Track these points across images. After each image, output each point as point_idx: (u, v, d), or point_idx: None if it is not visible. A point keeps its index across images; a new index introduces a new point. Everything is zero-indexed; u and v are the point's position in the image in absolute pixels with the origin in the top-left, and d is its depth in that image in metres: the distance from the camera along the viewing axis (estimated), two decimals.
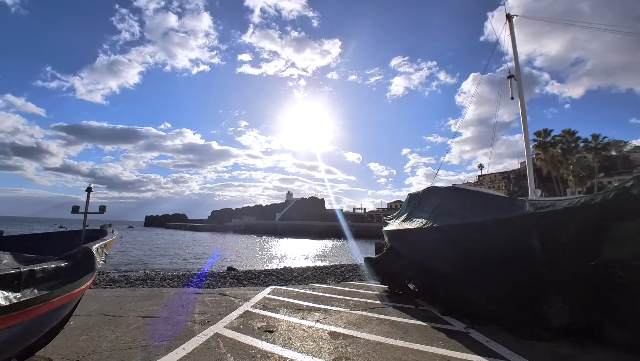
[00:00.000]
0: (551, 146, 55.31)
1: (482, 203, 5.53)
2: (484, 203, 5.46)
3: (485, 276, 5.16)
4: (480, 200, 5.64)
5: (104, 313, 5.40)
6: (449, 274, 5.87)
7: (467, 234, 5.45)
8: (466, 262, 5.51)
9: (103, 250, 3.05)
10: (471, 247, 5.32)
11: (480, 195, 5.85)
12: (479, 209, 5.47)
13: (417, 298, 7.50)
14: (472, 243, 5.30)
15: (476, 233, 5.22)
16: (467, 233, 5.47)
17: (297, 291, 8.28)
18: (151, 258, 26.02)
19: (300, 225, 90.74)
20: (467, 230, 5.45)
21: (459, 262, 5.67)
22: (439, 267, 6.14)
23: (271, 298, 7.21)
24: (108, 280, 10.19)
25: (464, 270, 5.58)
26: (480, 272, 5.24)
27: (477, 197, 5.82)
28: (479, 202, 5.59)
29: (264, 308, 6.12)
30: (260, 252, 35.94)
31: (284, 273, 12.88)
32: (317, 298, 7.39)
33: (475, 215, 5.44)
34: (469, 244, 5.35)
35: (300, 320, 5.38)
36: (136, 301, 6.47)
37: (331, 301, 7.01)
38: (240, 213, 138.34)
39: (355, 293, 8.30)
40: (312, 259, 28.65)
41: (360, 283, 10.30)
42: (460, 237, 5.57)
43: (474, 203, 5.73)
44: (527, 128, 6.55)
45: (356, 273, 13.65)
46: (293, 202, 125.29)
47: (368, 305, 6.71)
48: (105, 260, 3.03)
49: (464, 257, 5.54)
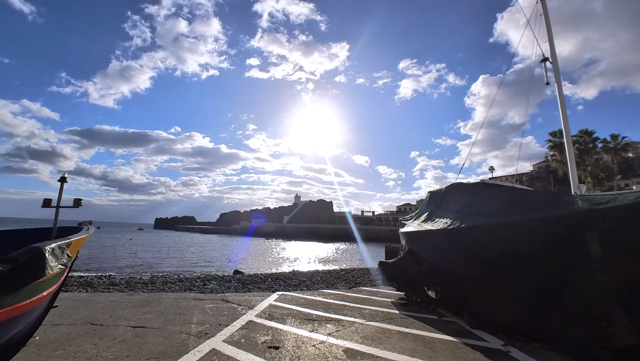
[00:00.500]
0: None
1: (520, 200, 4.80)
2: (522, 201, 4.73)
3: (525, 284, 4.42)
4: (517, 197, 4.91)
5: (92, 322, 4.83)
6: (480, 281, 5.13)
7: (503, 236, 4.72)
8: (502, 268, 4.77)
9: (64, 251, 2.46)
10: (508, 251, 4.59)
11: (517, 192, 5.12)
12: (515, 207, 4.74)
13: (439, 307, 6.77)
14: (510, 247, 4.57)
15: (515, 235, 4.49)
16: (503, 235, 4.74)
17: (306, 298, 7.62)
18: (158, 261, 25.73)
19: (308, 227, 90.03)
20: (503, 231, 4.72)
21: (493, 268, 4.94)
22: (467, 273, 5.40)
23: (278, 305, 6.57)
24: (108, 283, 9.71)
25: (498, 277, 4.84)
26: (520, 279, 4.50)
27: (513, 193, 5.10)
28: (516, 199, 4.86)
29: (269, 318, 5.48)
30: (268, 254, 35.39)
31: (292, 278, 12.23)
32: (328, 306, 6.72)
33: (511, 214, 4.71)
34: (506, 247, 4.62)
35: (310, 333, 4.72)
36: (130, 308, 5.91)
37: (344, 310, 6.33)
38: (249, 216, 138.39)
39: (370, 300, 7.59)
40: (321, 262, 27.94)
41: (373, 289, 9.57)
42: (494, 240, 4.84)
43: (510, 200, 4.99)
44: (566, 114, 5.78)
45: (368, 278, 12.92)
46: (301, 204, 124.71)
47: (385, 315, 6.01)
48: (66, 263, 2.46)
49: (498, 262, 4.80)
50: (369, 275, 13.86)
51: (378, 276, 13.40)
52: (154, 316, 5.32)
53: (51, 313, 5.31)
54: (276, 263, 26.97)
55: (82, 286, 9.08)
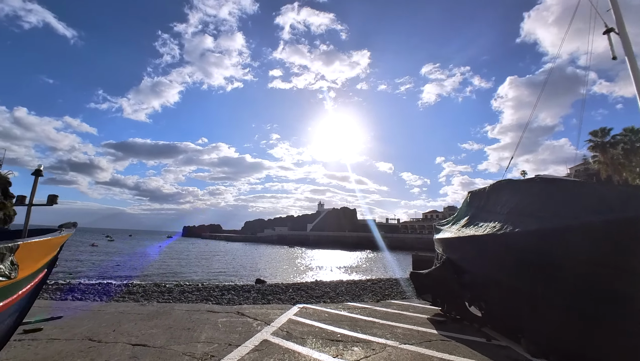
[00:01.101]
0: (611, 147, 49.34)
1: (595, 197, 3.82)
2: (600, 198, 3.75)
3: (612, 303, 3.43)
4: (590, 193, 3.93)
5: (90, 338, 4.35)
6: (543, 298, 4.15)
7: (573, 242, 3.76)
8: (571, 282, 3.79)
9: (5, 257, 1.90)
10: (581, 261, 3.62)
11: (590, 187, 4.14)
12: (589, 206, 3.77)
13: (484, 326, 5.77)
14: (583, 255, 3.60)
15: (589, 241, 3.52)
16: (572, 240, 3.78)
17: (330, 312, 6.84)
18: (184, 269, 25.85)
19: (332, 235, 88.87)
20: (572, 236, 3.76)
21: (559, 282, 3.96)
22: (524, 287, 4.42)
23: (298, 321, 5.85)
24: (125, 291, 9.43)
25: (567, 293, 3.86)
26: (597, 298, 3.52)
27: (584, 188, 4.11)
28: (590, 196, 3.88)
29: (287, 337, 4.76)
30: (290, 263, 34.82)
31: (315, 288, 11.47)
32: (355, 323, 5.91)
33: (583, 214, 3.75)
34: (578, 256, 3.65)
35: (334, 359, 3.95)
36: (138, 320, 5.42)
37: (372, 329, 5.50)
38: (273, 224, 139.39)
39: (401, 316, 6.69)
40: (345, 272, 26.93)
41: (404, 303, 8.60)
42: (561, 247, 3.88)
43: (581, 198, 4.02)
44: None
45: (397, 290, 11.89)
46: (324, 212, 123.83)
47: (422, 336, 5.11)
48: (10, 274, 1.91)
49: (567, 274, 3.83)
50: (398, 287, 12.81)
51: (408, 288, 12.34)
52: (160, 332, 4.77)
53: (52, 325, 4.92)
54: (299, 272, 26.28)
55: (100, 294, 8.85)
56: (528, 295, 4.41)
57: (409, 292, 11.17)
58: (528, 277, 4.31)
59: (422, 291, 7.66)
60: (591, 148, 51.21)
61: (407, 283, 14.03)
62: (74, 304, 6.78)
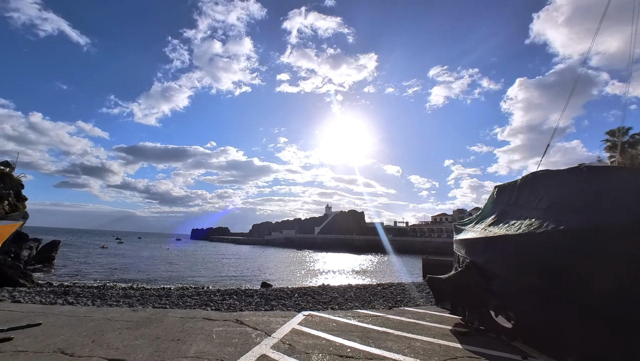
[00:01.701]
0: (630, 147, 47.58)
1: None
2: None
3: None
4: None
5: (63, 350, 3.78)
6: (597, 309, 3.43)
7: (636, 242, 3.05)
8: (636, 291, 3.08)
9: None
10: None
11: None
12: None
13: (513, 339, 5.04)
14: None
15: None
16: (634, 240, 3.07)
17: (338, 320, 6.18)
18: (190, 272, 25.51)
19: (339, 238, 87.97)
20: (633, 235, 3.06)
21: (616, 289, 3.25)
22: (573, 296, 3.70)
23: (302, 331, 5.21)
24: (122, 295, 8.91)
25: (632, 303, 3.14)
26: None
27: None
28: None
29: (289, 352, 4.13)
30: (297, 266, 34.18)
31: (322, 293, 10.80)
32: (366, 333, 5.24)
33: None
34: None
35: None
36: (124, 329, 4.86)
37: (387, 341, 4.82)
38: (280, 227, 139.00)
39: (418, 326, 5.98)
40: (353, 276, 26.17)
41: (419, 311, 7.87)
42: (617, 247, 3.18)
43: (637, 189, 3.31)
44: None
45: (409, 296, 11.12)
46: (332, 215, 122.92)
47: (445, 352, 4.41)
48: None
49: (629, 281, 3.12)
50: (410, 292, 12.04)
51: (421, 294, 11.56)
52: (145, 343, 4.19)
53: (26, 334, 4.37)
54: (305, 275, 25.64)
55: (94, 297, 8.34)
56: (576, 305, 3.69)
57: (423, 298, 10.41)
58: (576, 283, 3.60)
59: (441, 298, 6.93)
60: (608, 148, 49.41)
61: (419, 289, 13.23)
62: (61, 309, 6.27)
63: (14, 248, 23.45)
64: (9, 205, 27.21)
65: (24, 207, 30.68)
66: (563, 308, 3.88)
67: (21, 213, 4.44)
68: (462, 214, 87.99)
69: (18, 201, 29.92)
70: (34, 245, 26.65)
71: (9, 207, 27.06)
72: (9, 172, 29.32)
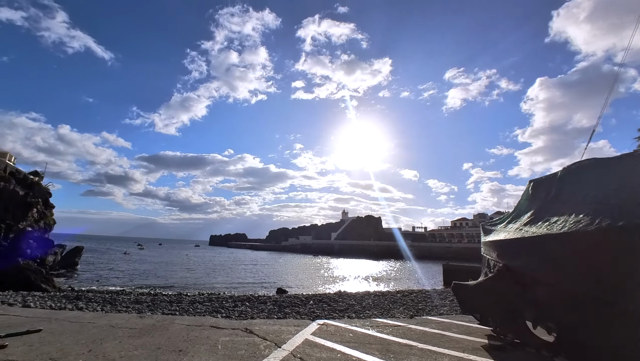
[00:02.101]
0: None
1: None
2: None
3: None
4: None
5: (55, 360, 3.49)
6: None
7: None
8: None
9: None
10: None
11: None
12: None
13: (556, 355, 4.38)
14: None
15: None
16: None
17: (355, 330, 5.67)
18: (207, 278, 25.51)
19: (356, 244, 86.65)
20: None
21: None
22: (635, 307, 3.07)
23: (316, 342, 4.75)
24: (133, 300, 8.74)
25: None
26: None
27: None
28: None
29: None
30: (313, 272, 33.65)
31: (338, 300, 10.27)
32: (387, 346, 4.71)
33: None
34: None
35: None
36: (126, 337, 4.56)
37: (410, 356, 4.28)
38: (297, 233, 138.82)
39: (444, 338, 5.38)
40: (371, 282, 25.38)
41: (444, 320, 7.22)
42: None
43: None
44: None
45: (431, 304, 10.43)
46: (349, 221, 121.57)
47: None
48: None
49: None
50: (432, 300, 11.32)
51: (444, 302, 10.82)
52: (144, 354, 3.85)
53: (22, 341, 4.12)
54: (322, 281, 25.09)
55: (105, 303, 8.19)
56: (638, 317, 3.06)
57: (447, 306, 9.70)
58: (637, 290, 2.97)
59: (469, 307, 6.29)
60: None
61: (442, 296, 12.47)
62: (67, 314, 6.09)
63: (40, 253, 24.24)
64: (38, 213, 28.31)
65: (51, 214, 31.89)
66: (621, 320, 3.25)
67: None
68: (483, 218, 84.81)
69: (46, 208, 31.14)
70: (58, 250, 27.52)
71: (37, 214, 28.15)
72: (38, 181, 30.61)
